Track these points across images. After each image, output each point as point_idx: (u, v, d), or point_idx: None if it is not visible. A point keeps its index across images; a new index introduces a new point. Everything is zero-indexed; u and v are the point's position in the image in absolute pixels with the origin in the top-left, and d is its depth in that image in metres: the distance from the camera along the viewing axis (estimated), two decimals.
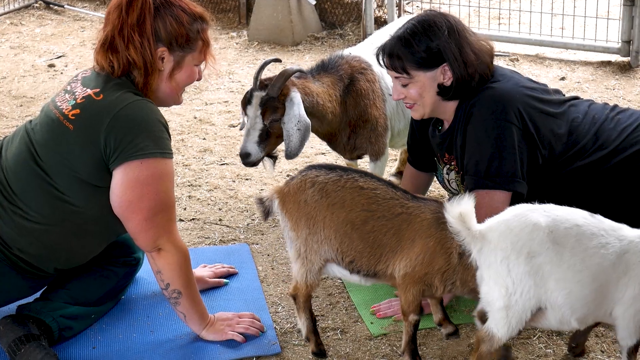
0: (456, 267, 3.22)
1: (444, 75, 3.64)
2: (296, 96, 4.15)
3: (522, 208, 3.04)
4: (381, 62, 3.73)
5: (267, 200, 3.42)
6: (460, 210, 2.96)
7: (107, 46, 3.45)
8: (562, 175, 3.67)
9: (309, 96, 4.27)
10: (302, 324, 3.48)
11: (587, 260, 2.93)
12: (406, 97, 3.73)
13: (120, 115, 3.33)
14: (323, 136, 4.54)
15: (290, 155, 4.19)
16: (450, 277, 3.25)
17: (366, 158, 4.66)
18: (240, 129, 4.50)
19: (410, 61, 3.63)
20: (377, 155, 4.56)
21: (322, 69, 4.44)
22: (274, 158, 4.44)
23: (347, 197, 3.30)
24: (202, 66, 3.63)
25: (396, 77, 3.70)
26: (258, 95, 4.15)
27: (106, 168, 3.35)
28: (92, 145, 3.34)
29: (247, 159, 4.18)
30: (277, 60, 4.50)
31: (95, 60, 3.53)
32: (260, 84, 4.17)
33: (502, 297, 2.96)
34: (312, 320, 3.48)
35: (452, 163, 3.84)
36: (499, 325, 3.00)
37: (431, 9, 4.09)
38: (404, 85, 3.69)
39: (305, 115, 4.16)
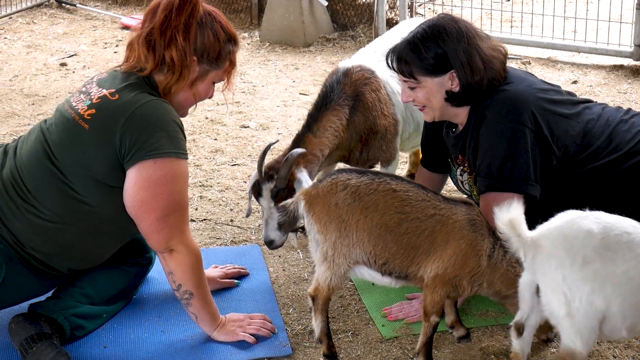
0: (485, 269, 3.26)
1: (452, 81, 3.63)
2: (302, 175, 4.07)
3: (573, 215, 3.03)
4: (390, 64, 3.74)
5: (292, 204, 3.41)
6: (510, 216, 2.94)
7: (151, 42, 3.45)
8: (575, 176, 3.67)
9: (315, 160, 4.23)
10: (316, 325, 3.47)
11: (639, 267, 2.91)
12: (414, 100, 3.74)
13: (136, 115, 3.33)
14: (336, 161, 4.54)
15: None
16: (478, 279, 3.28)
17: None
18: (247, 216, 4.42)
19: (417, 67, 3.64)
20: (389, 160, 4.54)
21: (323, 103, 4.29)
22: (295, 230, 4.31)
23: (380, 200, 3.29)
24: (217, 86, 3.65)
25: (404, 81, 3.71)
26: (267, 187, 4.08)
27: (121, 168, 3.36)
28: (108, 145, 3.34)
29: (272, 246, 4.11)
30: (275, 142, 4.44)
31: (130, 53, 3.51)
32: (266, 175, 4.09)
33: (562, 305, 2.93)
34: (327, 322, 3.48)
35: (465, 165, 3.84)
36: (571, 337, 2.94)
37: (444, 13, 4.09)
38: (412, 89, 3.70)
39: None
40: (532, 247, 2.97)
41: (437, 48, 3.60)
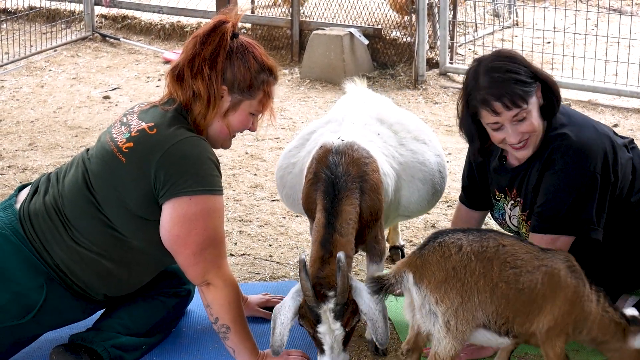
0: (586, 314, 3.24)
1: (537, 95, 3.65)
2: (356, 282, 3.48)
3: None
4: (502, 109, 3.56)
5: (393, 277, 3.16)
6: None
7: (176, 74, 3.52)
8: (622, 215, 3.76)
9: (350, 262, 3.63)
10: None
11: None
12: (524, 133, 3.63)
13: (172, 151, 3.37)
14: None
15: (384, 343, 3.47)
16: (580, 325, 3.25)
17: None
18: (277, 354, 3.49)
19: (523, 86, 3.58)
20: (381, 255, 3.89)
21: (335, 193, 3.64)
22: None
23: (494, 257, 3.17)
24: (259, 118, 3.66)
25: (514, 116, 3.58)
26: (325, 309, 3.43)
27: (156, 201, 3.40)
28: (143, 179, 3.39)
29: None
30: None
31: (166, 86, 3.60)
32: (320, 297, 3.44)
33: None
34: None
35: (518, 199, 3.83)
36: None
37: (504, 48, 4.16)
38: (522, 121, 3.59)
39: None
40: None
41: (521, 66, 3.63)
